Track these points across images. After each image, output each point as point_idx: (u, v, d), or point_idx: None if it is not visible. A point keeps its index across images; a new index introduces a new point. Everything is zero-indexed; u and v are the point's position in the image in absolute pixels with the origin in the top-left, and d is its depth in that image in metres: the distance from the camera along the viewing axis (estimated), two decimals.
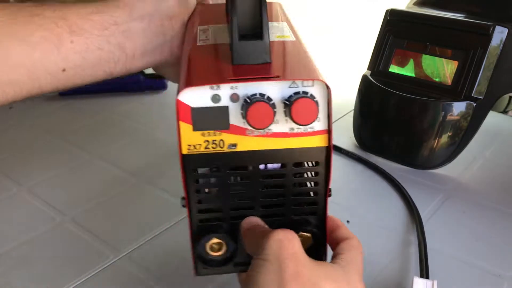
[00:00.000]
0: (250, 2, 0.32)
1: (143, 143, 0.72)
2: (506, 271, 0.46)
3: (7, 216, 0.58)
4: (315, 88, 0.31)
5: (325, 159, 0.33)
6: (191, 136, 0.31)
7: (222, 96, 0.30)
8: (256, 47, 0.32)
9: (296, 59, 0.34)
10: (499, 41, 0.56)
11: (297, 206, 0.35)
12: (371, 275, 0.46)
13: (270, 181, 0.33)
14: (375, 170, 0.63)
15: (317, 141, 0.32)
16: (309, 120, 0.30)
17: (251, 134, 0.31)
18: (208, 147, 0.32)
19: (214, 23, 0.41)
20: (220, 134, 0.31)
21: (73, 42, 0.38)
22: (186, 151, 0.32)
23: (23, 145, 0.73)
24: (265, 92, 0.30)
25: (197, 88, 0.30)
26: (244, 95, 0.30)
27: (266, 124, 0.30)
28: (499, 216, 0.54)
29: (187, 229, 0.54)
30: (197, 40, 0.37)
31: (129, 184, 0.63)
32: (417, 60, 0.62)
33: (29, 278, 0.48)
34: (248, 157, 0.32)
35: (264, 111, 0.30)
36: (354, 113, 0.69)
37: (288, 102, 0.30)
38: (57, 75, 0.38)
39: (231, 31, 0.32)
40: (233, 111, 0.31)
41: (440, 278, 0.45)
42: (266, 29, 0.32)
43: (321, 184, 0.34)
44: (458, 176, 0.62)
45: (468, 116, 0.58)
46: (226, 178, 0.33)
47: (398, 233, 0.52)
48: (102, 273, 0.48)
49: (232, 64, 0.32)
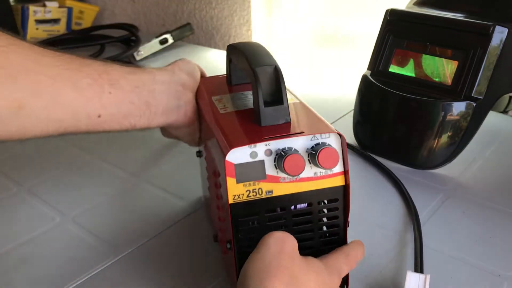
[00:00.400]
0: (270, 75, 0.40)
1: (143, 143, 0.72)
2: (506, 271, 0.47)
3: (7, 216, 0.58)
4: (332, 139, 0.38)
5: (343, 195, 0.39)
6: (235, 187, 0.37)
7: (258, 152, 0.37)
8: (278, 111, 0.39)
9: (309, 117, 0.41)
10: (499, 41, 0.56)
11: (323, 237, 0.40)
12: (371, 275, 0.46)
13: (300, 219, 0.39)
14: (376, 166, 0.64)
15: (336, 181, 0.38)
16: (333, 165, 0.37)
17: (283, 181, 0.38)
18: (250, 195, 0.37)
19: (223, 93, 0.48)
20: (259, 183, 0.37)
21: (111, 93, 0.44)
22: (232, 200, 0.37)
23: (23, 145, 0.73)
24: (293, 146, 0.37)
25: (239, 149, 0.36)
26: (276, 150, 0.37)
27: (300, 171, 0.37)
28: (499, 216, 0.54)
29: (187, 230, 0.54)
30: (218, 109, 0.44)
31: (129, 184, 0.63)
32: (417, 60, 0.62)
33: (29, 278, 0.48)
34: (283, 200, 0.38)
35: (298, 161, 0.36)
36: (354, 113, 0.69)
37: (314, 151, 0.37)
38: (93, 119, 0.43)
39: (257, 99, 0.39)
40: (268, 163, 0.37)
41: (440, 277, 0.46)
42: (285, 95, 0.39)
43: (341, 217, 0.40)
44: (458, 176, 0.62)
45: (468, 116, 0.58)
46: (265, 219, 0.38)
47: (397, 232, 0.52)
48: (102, 273, 0.48)
49: (260, 126, 0.39)
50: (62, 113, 0.42)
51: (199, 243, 0.52)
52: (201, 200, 0.58)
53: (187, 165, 0.66)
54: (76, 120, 0.43)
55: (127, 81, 0.45)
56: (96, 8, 1.43)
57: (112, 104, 0.44)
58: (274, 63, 0.40)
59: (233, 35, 1.20)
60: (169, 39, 1.12)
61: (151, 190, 0.62)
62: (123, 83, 0.45)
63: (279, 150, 0.37)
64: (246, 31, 1.17)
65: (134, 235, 0.53)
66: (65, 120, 0.42)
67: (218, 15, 1.21)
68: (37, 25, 1.32)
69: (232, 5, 1.16)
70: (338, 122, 0.77)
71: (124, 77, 0.45)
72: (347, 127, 0.72)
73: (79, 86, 0.42)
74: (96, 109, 0.43)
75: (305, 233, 0.39)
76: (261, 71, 0.40)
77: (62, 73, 0.41)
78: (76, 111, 0.42)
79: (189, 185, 0.61)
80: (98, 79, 0.43)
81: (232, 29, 1.20)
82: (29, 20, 1.30)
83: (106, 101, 0.44)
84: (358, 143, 0.69)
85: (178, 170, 0.66)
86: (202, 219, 0.55)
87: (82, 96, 0.42)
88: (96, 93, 0.43)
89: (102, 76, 0.43)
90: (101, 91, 0.43)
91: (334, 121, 0.77)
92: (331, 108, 0.81)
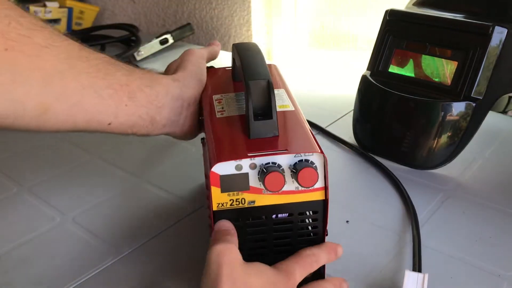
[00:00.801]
0: (261, 90, 0.41)
1: (143, 143, 0.72)
2: (506, 271, 0.47)
3: (7, 216, 0.58)
4: (314, 157, 0.39)
5: (322, 208, 0.41)
6: (219, 196, 0.39)
7: (243, 165, 0.39)
8: (267, 125, 0.41)
9: (297, 131, 0.43)
10: (498, 41, 0.56)
11: (302, 244, 0.42)
12: (371, 274, 0.46)
13: (280, 227, 0.41)
14: (376, 166, 0.64)
15: (316, 195, 0.40)
16: (311, 184, 0.39)
17: (266, 193, 0.40)
18: (233, 204, 0.39)
19: (225, 91, 0.50)
20: (242, 193, 0.39)
21: (127, 105, 0.46)
22: (216, 208, 0.39)
23: (23, 145, 0.73)
24: (276, 161, 0.39)
25: (225, 163, 0.38)
26: (260, 164, 0.39)
27: (279, 188, 0.39)
28: (499, 216, 0.54)
29: (186, 230, 0.54)
30: (216, 112, 0.46)
31: (129, 184, 0.63)
32: (417, 60, 0.62)
33: (29, 278, 0.48)
34: (264, 210, 0.40)
35: (277, 179, 0.38)
36: (354, 113, 0.69)
37: (295, 170, 0.38)
38: (103, 125, 0.45)
39: (247, 113, 0.41)
40: (252, 176, 0.39)
41: (440, 277, 0.46)
42: (275, 110, 0.41)
43: (320, 227, 0.42)
44: (457, 176, 0.62)
45: (468, 116, 0.58)
46: (246, 227, 0.41)
47: (397, 232, 0.52)
48: (102, 273, 0.48)
49: (249, 139, 0.41)
50: (79, 117, 0.43)
51: (199, 243, 0.52)
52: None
53: (187, 165, 0.66)
54: (88, 124, 0.44)
55: (144, 95, 0.47)
56: (97, 8, 1.43)
57: (124, 115, 0.46)
58: (267, 77, 0.42)
59: (233, 35, 1.20)
60: (169, 39, 1.12)
61: (151, 190, 0.62)
62: (140, 96, 0.46)
63: (263, 165, 0.39)
64: (246, 31, 1.17)
65: (134, 235, 0.53)
66: (79, 123, 0.44)
67: (218, 15, 1.21)
68: None
69: (232, 5, 1.17)
70: (338, 122, 0.77)
71: (141, 90, 0.47)
72: (347, 127, 0.72)
73: (102, 95, 0.44)
74: (109, 118, 0.45)
75: (284, 239, 0.42)
76: (254, 84, 0.41)
77: (90, 81, 0.43)
78: (91, 118, 0.44)
79: (189, 185, 0.61)
80: (119, 91, 0.45)
81: (232, 29, 1.20)
82: None
83: (121, 112, 0.45)
84: (357, 143, 0.69)
85: (178, 170, 0.66)
86: (202, 219, 0.55)
87: (102, 105, 0.44)
88: (115, 104, 0.45)
89: (123, 88, 0.45)
90: (120, 103, 0.45)
91: (334, 121, 0.77)
92: (331, 108, 0.81)
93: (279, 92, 0.49)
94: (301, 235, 0.42)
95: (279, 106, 0.46)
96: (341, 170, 0.64)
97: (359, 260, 0.48)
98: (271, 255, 0.42)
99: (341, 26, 1.07)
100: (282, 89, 0.50)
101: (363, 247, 0.50)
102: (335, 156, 0.68)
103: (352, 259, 0.48)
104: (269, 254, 0.42)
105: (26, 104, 0.39)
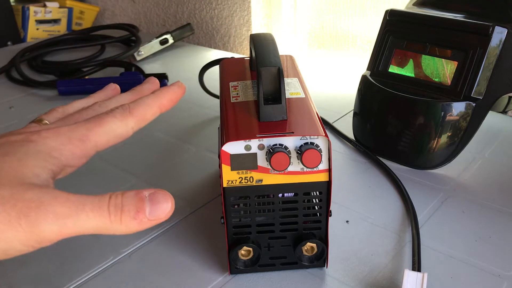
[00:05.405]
0: (272, 77, 0.44)
1: (143, 143, 0.72)
2: (506, 271, 0.47)
3: None
4: (319, 140, 0.41)
5: (326, 189, 0.43)
6: (229, 174, 0.42)
7: (252, 146, 0.41)
8: (276, 109, 0.43)
9: (305, 116, 0.45)
10: (498, 41, 0.56)
11: (306, 223, 0.45)
12: (371, 274, 0.46)
13: (286, 205, 0.44)
14: (376, 166, 0.64)
15: (321, 177, 0.42)
16: (315, 165, 0.41)
17: (273, 172, 0.42)
18: (242, 182, 0.42)
19: (241, 79, 0.53)
20: (250, 172, 0.42)
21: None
22: (226, 184, 0.42)
23: None
24: (283, 143, 0.41)
25: (235, 142, 0.41)
26: (268, 145, 0.41)
27: (284, 168, 0.41)
28: (498, 216, 0.55)
29: (186, 230, 0.54)
30: (230, 97, 0.49)
31: (129, 184, 0.63)
32: (417, 61, 0.62)
33: (29, 278, 0.48)
34: (270, 188, 0.43)
35: (283, 159, 0.40)
36: (354, 113, 0.69)
37: (300, 151, 0.41)
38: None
39: (258, 97, 0.43)
40: (260, 156, 0.41)
41: (440, 277, 0.46)
42: (284, 96, 0.43)
43: (324, 207, 0.44)
44: (457, 176, 0.62)
45: (468, 116, 0.58)
46: (254, 203, 0.44)
47: (397, 232, 0.52)
48: (102, 273, 0.48)
49: (259, 121, 0.43)
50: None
51: (200, 244, 0.52)
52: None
53: (188, 165, 0.67)
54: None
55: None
56: (97, 9, 1.44)
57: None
58: (277, 64, 0.44)
59: (233, 35, 1.20)
60: (169, 40, 1.12)
61: None
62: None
63: (270, 146, 0.41)
64: (246, 31, 1.17)
65: (134, 235, 0.53)
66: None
67: (218, 15, 1.21)
68: (37, 25, 1.32)
69: (232, 5, 1.17)
70: (338, 122, 0.77)
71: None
72: (347, 127, 0.72)
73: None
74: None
75: (290, 217, 0.44)
76: (265, 71, 0.43)
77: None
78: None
79: (188, 185, 0.61)
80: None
81: (232, 29, 1.20)
82: (30, 20, 1.30)
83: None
84: (357, 143, 0.69)
85: (178, 170, 0.66)
86: (203, 219, 0.55)
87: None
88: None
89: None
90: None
91: (334, 121, 0.77)
92: (331, 108, 0.81)
93: (292, 81, 0.51)
94: (306, 215, 0.44)
95: (291, 93, 0.48)
96: (341, 170, 0.64)
97: (359, 260, 0.48)
98: (277, 233, 0.45)
99: (341, 26, 1.07)
100: (296, 78, 0.52)
101: (363, 247, 0.50)
102: (335, 156, 0.68)
103: (352, 258, 0.48)
104: (276, 232, 0.45)
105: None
